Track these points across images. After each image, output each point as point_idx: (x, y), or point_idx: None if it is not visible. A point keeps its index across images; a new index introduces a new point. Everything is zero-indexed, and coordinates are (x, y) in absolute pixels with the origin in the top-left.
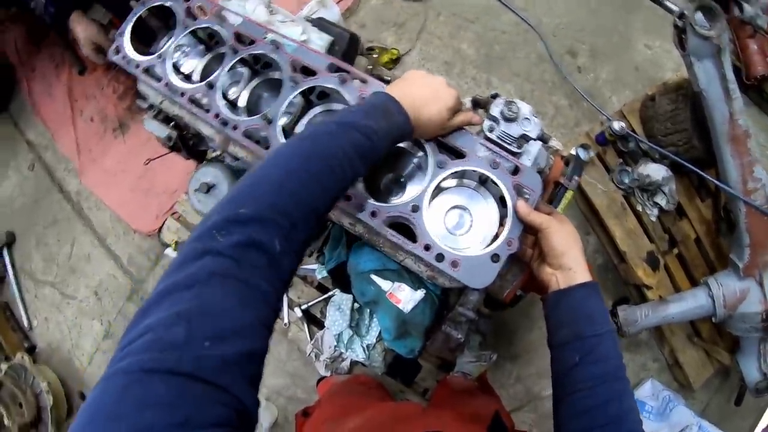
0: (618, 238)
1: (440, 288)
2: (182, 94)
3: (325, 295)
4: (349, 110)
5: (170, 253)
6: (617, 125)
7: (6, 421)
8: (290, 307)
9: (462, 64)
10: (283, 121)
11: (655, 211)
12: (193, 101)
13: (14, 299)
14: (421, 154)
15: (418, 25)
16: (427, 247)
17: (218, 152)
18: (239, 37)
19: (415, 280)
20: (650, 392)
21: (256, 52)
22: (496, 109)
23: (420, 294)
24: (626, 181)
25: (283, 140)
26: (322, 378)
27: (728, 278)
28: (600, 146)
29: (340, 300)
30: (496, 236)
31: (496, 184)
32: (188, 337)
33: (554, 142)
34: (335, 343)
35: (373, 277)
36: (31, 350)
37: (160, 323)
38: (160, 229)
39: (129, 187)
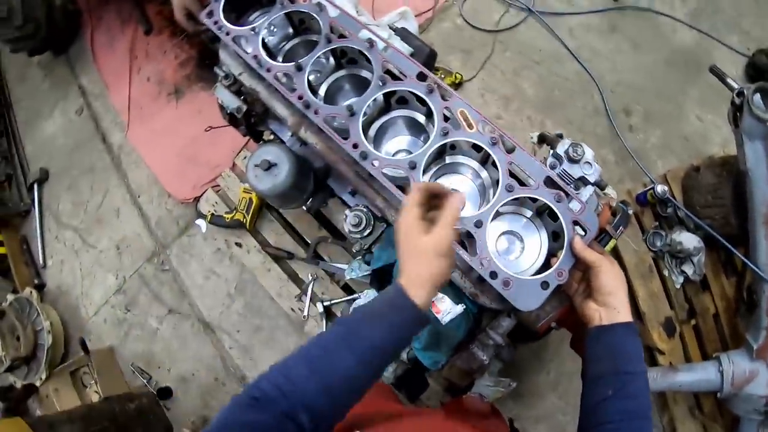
0: (640, 299)
1: (477, 307)
2: (268, 70)
3: (349, 297)
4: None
5: (201, 224)
6: (660, 189)
7: (0, 351)
8: (312, 301)
9: (520, 101)
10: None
11: (681, 279)
12: (278, 79)
13: (34, 235)
14: (485, 174)
15: (484, 55)
16: (483, 262)
17: (287, 134)
18: (333, 28)
19: (456, 295)
20: None
21: (350, 45)
22: (561, 148)
23: (460, 308)
24: (658, 244)
25: (361, 134)
26: None
27: (740, 357)
28: (639, 206)
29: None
30: (543, 267)
31: (553, 216)
32: None
33: (610, 190)
34: None
35: None
36: (40, 287)
37: None
38: (197, 199)
39: (173, 152)
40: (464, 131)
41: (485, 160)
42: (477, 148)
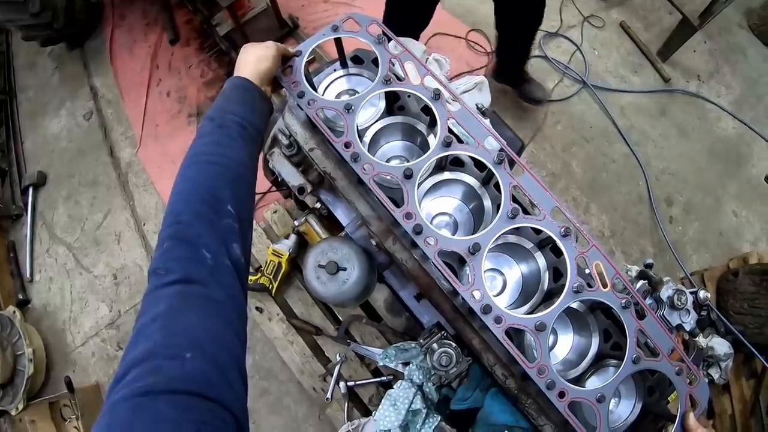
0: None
1: None
2: (364, 168)
3: (377, 379)
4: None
5: None
6: (703, 294)
7: None
8: (337, 381)
9: (567, 180)
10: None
11: (705, 381)
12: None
13: (23, 244)
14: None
15: (535, 124)
16: (562, 395)
17: (373, 241)
18: (450, 130)
19: None
20: None
21: (475, 157)
22: (665, 294)
23: None
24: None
25: (485, 286)
26: None
27: None
28: None
29: (397, 395)
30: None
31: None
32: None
33: (702, 340)
34: None
35: None
36: (24, 303)
37: (140, 355)
38: None
39: None
40: (597, 288)
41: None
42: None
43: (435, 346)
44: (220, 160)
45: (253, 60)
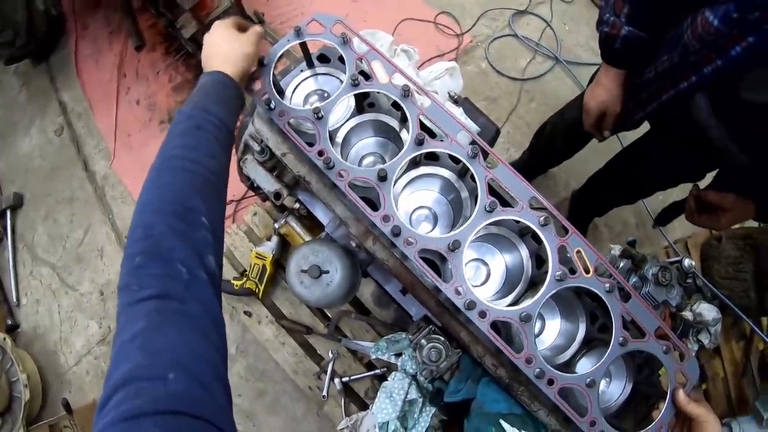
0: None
1: None
2: (340, 174)
3: (371, 372)
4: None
5: None
6: (687, 263)
7: None
8: (332, 378)
9: None
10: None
11: (696, 347)
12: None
13: (6, 269)
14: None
15: (509, 104)
16: (593, 423)
17: (353, 243)
18: (423, 125)
19: (536, 425)
20: None
21: (453, 154)
22: (650, 271)
23: None
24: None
25: (468, 283)
26: None
27: (750, 425)
28: None
29: (392, 387)
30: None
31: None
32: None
33: (687, 313)
34: (377, 430)
35: (502, 422)
36: (14, 328)
37: (122, 377)
38: None
39: None
40: (579, 275)
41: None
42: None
43: (423, 341)
44: (193, 167)
45: (233, 54)
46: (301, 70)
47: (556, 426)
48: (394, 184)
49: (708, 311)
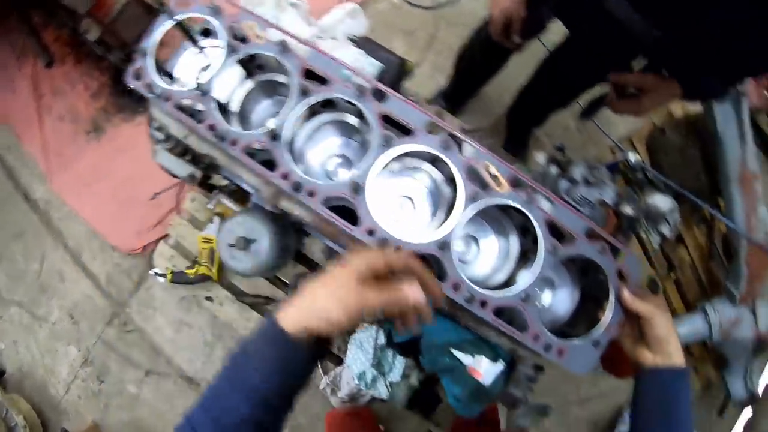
0: None
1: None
2: (234, 143)
3: None
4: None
5: (161, 280)
6: (634, 158)
7: None
8: None
9: None
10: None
11: (658, 239)
12: (249, 154)
13: None
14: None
15: (428, 35)
16: (536, 337)
17: (266, 205)
18: (306, 72)
19: (490, 348)
20: None
21: (338, 97)
22: (578, 173)
23: (500, 366)
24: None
25: (374, 218)
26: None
27: (724, 305)
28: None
29: (362, 338)
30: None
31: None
32: None
33: (627, 209)
34: (356, 382)
35: (454, 351)
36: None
37: None
38: (144, 248)
39: (107, 197)
40: (493, 191)
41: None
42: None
43: None
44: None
45: (325, 298)
46: (185, 50)
47: (509, 345)
48: (294, 141)
49: (663, 202)
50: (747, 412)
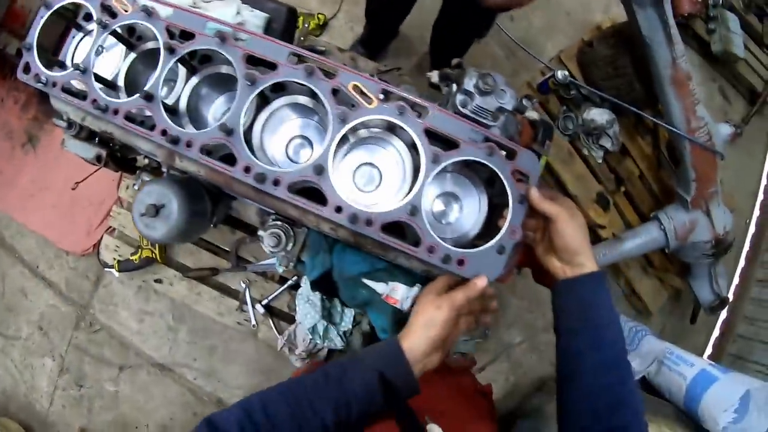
0: (568, 183)
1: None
2: (115, 112)
3: (284, 286)
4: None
5: (112, 272)
6: (561, 74)
7: None
8: (253, 306)
9: None
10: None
11: (601, 153)
12: (130, 118)
13: None
14: (400, 144)
15: None
16: (431, 250)
17: (163, 167)
18: (172, 33)
19: (406, 274)
20: None
21: (198, 48)
22: (470, 83)
23: (416, 290)
24: (571, 127)
25: (250, 154)
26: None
27: (677, 211)
28: (542, 95)
29: (308, 292)
30: (488, 219)
31: (482, 165)
32: None
33: (530, 113)
34: (310, 336)
35: (366, 281)
36: None
37: None
38: (95, 246)
39: (51, 205)
40: (363, 108)
41: (394, 127)
42: None
43: (261, 232)
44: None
45: (420, 326)
46: (73, 37)
47: (420, 267)
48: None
49: (600, 115)
50: (723, 315)
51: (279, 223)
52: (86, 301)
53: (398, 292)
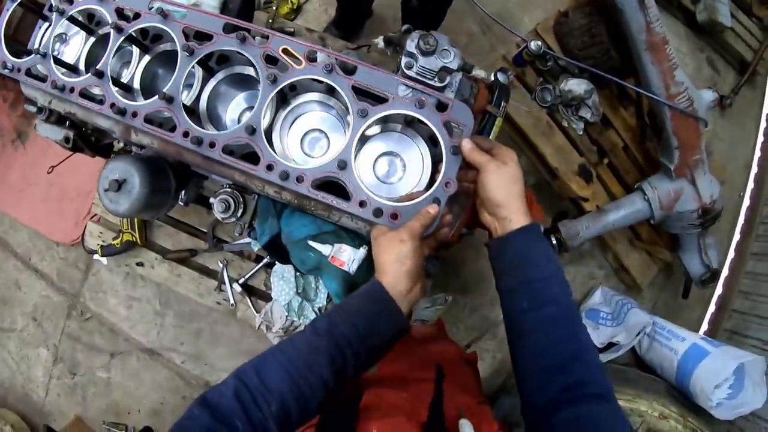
0: (548, 156)
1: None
2: (71, 90)
3: (260, 264)
4: (343, 312)
5: (99, 258)
6: (534, 45)
7: None
8: (231, 285)
9: None
10: (184, 96)
11: (581, 125)
12: (85, 95)
13: None
14: (336, 103)
15: None
16: (362, 204)
17: (122, 143)
18: (122, 13)
19: (354, 237)
20: (601, 299)
21: (142, 25)
22: (412, 45)
23: (362, 252)
24: (549, 98)
25: (187, 119)
26: None
27: (661, 181)
28: (519, 68)
29: (282, 269)
30: (432, 178)
31: (424, 124)
32: None
33: (477, 71)
34: (286, 313)
35: (311, 243)
36: None
37: None
38: (83, 236)
39: (40, 198)
40: (293, 70)
41: (332, 90)
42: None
43: (212, 199)
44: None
45: (392, 263)
46: (39, 27)
47: (367, 227)
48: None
49: (577, 85)
50: (718, 290)
51: (228, 190)
52: (77, 290)
53: (344, 254)
